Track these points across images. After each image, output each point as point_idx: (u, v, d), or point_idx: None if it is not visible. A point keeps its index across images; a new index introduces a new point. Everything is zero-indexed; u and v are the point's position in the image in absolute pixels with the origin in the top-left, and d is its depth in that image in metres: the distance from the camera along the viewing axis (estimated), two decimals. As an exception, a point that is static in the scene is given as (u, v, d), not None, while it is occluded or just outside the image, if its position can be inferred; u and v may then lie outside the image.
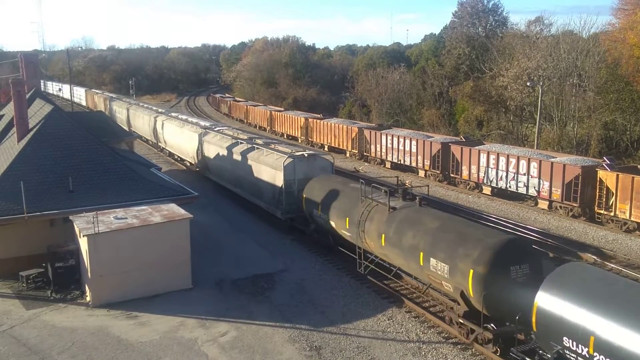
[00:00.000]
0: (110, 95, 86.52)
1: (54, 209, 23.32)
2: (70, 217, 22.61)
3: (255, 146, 33.43)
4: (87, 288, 21.65)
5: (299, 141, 60.45)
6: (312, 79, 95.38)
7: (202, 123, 47.02)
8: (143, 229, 21.46)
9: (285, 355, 17.74)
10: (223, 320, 19.95)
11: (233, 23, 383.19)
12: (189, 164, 46.71)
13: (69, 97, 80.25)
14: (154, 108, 61.73)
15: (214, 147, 38.43)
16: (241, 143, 34.97)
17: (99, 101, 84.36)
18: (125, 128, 59.66)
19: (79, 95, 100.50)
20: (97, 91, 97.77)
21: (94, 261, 20.80)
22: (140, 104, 70.32)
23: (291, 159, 29.09)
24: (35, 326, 19.69)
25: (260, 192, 31.57)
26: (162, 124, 50.55)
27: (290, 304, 21.45)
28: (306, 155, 29.91)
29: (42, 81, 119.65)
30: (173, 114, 55.21)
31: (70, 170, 25.16)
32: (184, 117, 53.01)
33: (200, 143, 40.96)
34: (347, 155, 52.08)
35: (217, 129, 42.61)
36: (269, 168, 30.29)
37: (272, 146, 32.85)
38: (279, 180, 29.28)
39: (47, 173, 24.89)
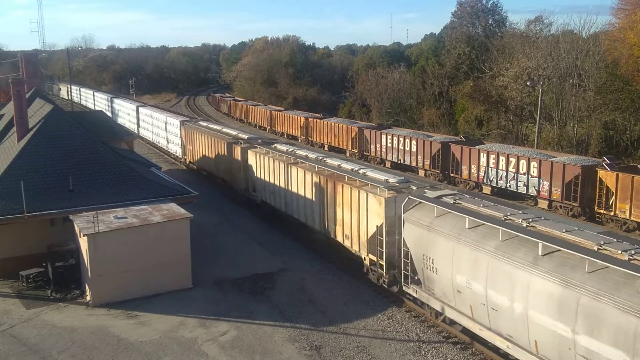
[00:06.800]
0: (245, 136, 39.00)
1: (54, 208, 23.36)
2: (71, 217, 22.62)
3: None
4: (87, 287, 21.66)
5: (299, 141, 60.47)
6: (312, 78, 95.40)
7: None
8: (143, 229, 21.47)
9: (285, 354, 17.75)
10: (223, 320, 19.97)
11: (233, 23, 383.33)
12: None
13: (100, 106, 69.81)
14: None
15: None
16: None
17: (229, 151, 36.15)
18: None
19: (162, 125, 53.68)
20: (212, 126, 46.22)
21: (94, 260, 20.81)
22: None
23: None
24: (35, 325, 19.71)
25: None
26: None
27: (290, 303, 21.46)
28: None
29: (51, 84, 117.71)
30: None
31: (70, 169, 25.19)
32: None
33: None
34: (347, 154, 52.05)
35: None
36: None
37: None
38: None
39: (47, 173, 24.91)
